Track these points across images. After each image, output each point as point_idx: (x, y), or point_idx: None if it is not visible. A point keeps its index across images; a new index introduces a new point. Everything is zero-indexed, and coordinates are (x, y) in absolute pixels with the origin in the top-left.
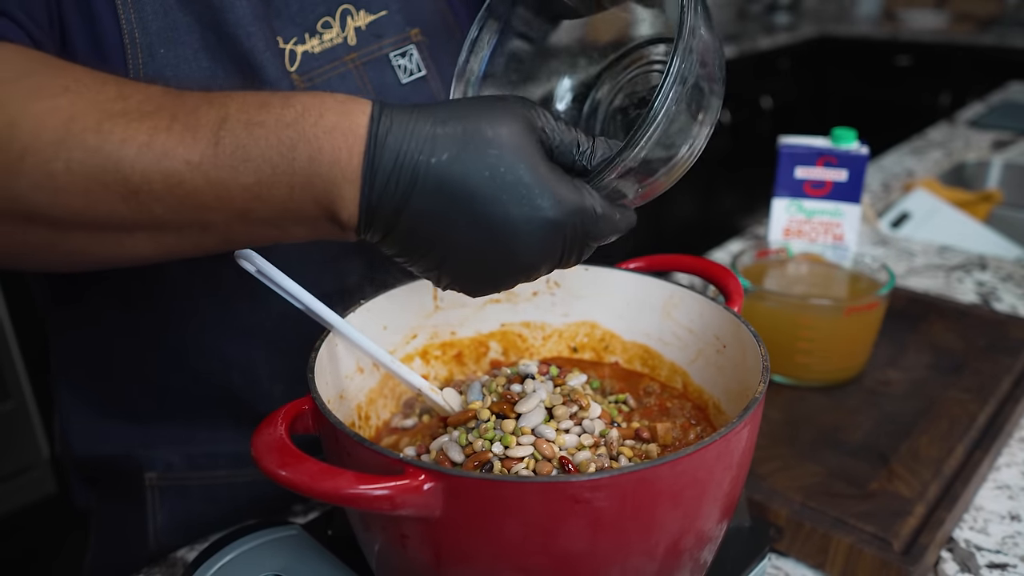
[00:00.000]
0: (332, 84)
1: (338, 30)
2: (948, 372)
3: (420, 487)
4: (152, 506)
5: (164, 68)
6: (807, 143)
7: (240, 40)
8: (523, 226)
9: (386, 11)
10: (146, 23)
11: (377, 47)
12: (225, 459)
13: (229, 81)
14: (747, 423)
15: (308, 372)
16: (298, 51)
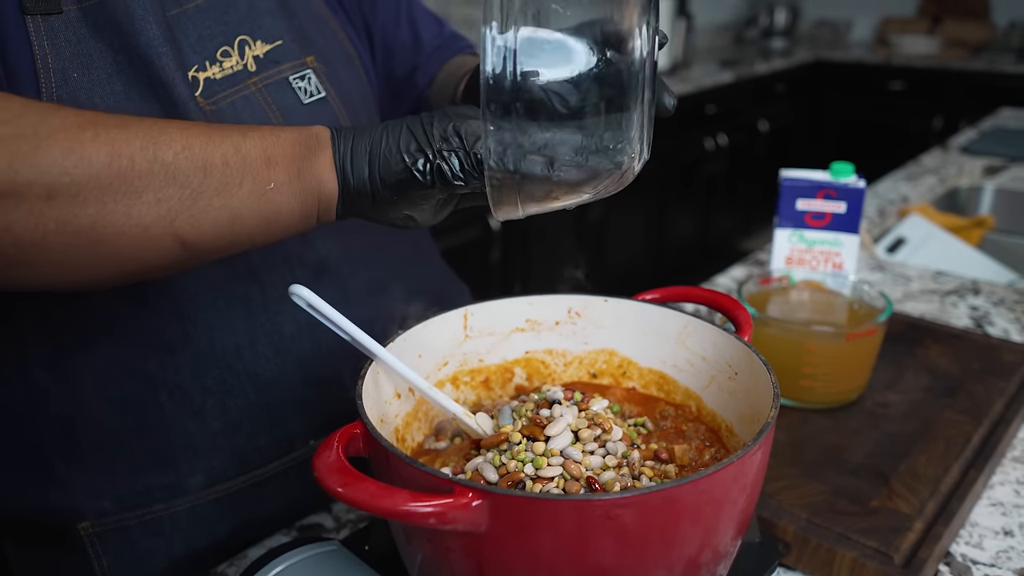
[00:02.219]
0: (237, 106)
1: (237, 58)
2: (944, 394)
3: (469, 504)
4: (95, 553)
5: (78, 91)
6: (808, 176)
7: (152, 61)
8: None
9: (281, 41)
10: (59, 48)
11: (276, 71)
12: (159, 491)
13: (144, 103)
14: (761, 446)
15: (357, 399)
16: (200, 78)
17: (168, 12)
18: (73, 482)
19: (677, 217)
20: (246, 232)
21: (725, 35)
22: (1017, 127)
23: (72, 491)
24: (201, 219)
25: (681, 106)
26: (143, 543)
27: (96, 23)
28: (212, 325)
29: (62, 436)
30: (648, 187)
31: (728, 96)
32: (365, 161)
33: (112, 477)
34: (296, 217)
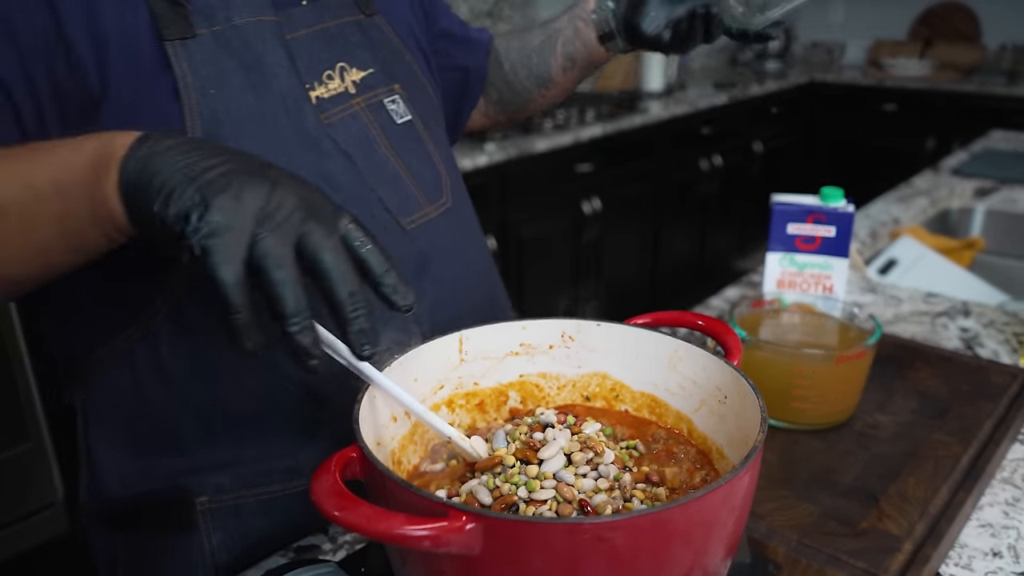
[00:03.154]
0: (347, 122)
1: (339, 81)
2: (933, 416)
3: (463, 527)
4: (206, 530)
5: (216, 105)
6: (798, 201)
7: (279, 78)
8: None
9: (372, 69)
10: (196, 68)
11: (373, 94)
12: (278, 474)
13: (274, 116)
14: (749, 469)
15: (354, 423)
16: (312, 95)
17: (284, 36)
18: (199, 460)
19: (672, 237)
20: (59, 261)
21: (719, 57)
22: (1008, 149)
23: (197, 468)
24: (8, 257)
25: (676, 127)
26: (252, 521)
27: (228, 45)
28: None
29: (195, 422)
30: (644, 207)
31: (723, 117)
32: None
33: (238, 456)
34: (103, 243)
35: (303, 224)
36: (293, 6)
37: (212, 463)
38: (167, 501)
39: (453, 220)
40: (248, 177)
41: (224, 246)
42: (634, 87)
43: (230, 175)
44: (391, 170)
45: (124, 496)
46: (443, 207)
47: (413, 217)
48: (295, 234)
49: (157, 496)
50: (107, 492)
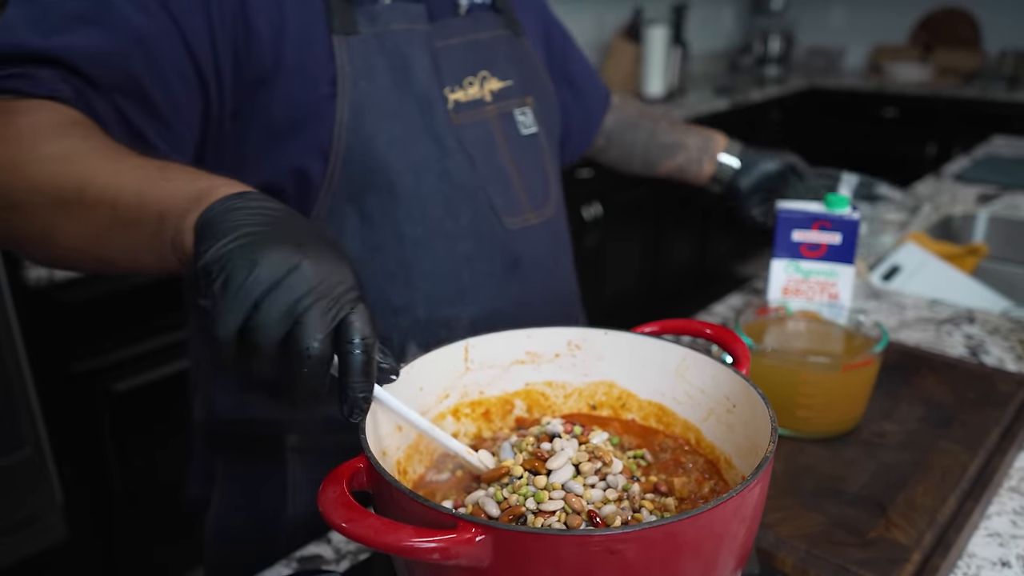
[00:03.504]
0: (475, 126)
1: (478, 88)
2: (940, 424)
3: (472, 539)
4: (292, 464)
5: (364, 98)
6: (803, 208)
7: (421, 82)
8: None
9: (511, 81)
10: (353, 61)
11: (505, 104)
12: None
13: (410, 112)
14: (760, 480)
15: (360, 433)
16: (450, 97)
17: (434, 44)
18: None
19: (674, 243)
20: (146, 262)
21: (720, 62)
22: (1010, 155)
23: (290, 410)
24: (112, 247)
25: None
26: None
27: (382, 45)
28: (431, 296)
29: None
30: (645, 213)
31: (723, 123)
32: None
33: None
34: (176, 262)
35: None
36: (450, 17)
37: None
38: (262, 435)
39: (550, 231)
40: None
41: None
42: (635, 91)
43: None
44: (505, 175)
45: (228, 420)
46: (544, 217)
47: (515, 220)
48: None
49: (255, 428)
50: (215, 412)
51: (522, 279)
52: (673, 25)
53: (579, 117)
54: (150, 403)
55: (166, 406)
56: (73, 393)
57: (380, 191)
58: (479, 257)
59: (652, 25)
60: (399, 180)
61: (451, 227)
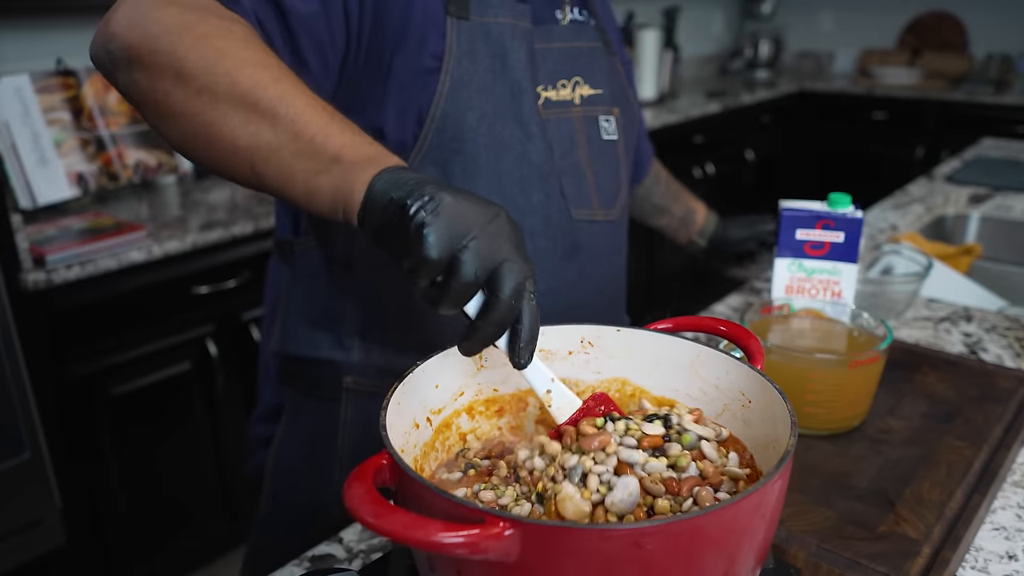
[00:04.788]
0: (560, 122)
1: (569, 91)
2: (943, 420)
3: (500, 534)
4: (345, 404)
5: (463, 76)
6: (807, 207)
7: (515, 71)
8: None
9: (602, 90)
10: (460, 43)
11: (592, 110)
12: None
13: (501, 96)
14: (781, 475)
15: (382, 429)
16: (542, 93)
17: (536, 44)
18: (353, 348)
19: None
20: (294, 193)
21: (710, 66)
22: (999, 157)
23: (350, 354)
24: (271, 164)
25: (669, 136)
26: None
27: (487, 34)
28: None
29: (360, 314)
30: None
31: (715, 126)
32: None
33: (382, 352)
34: (326, 206)
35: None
36: (553, 23)
37: (362, 352)
38: (324, 373)
39: (613, 230)
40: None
41: (440, 228)
42: None
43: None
44: (580, 169)
45: (296, 355)
46: (609, 217)
47: (582, 212)
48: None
49: (319, 366)
50: (287, 346)
51: (579, 266)
52: (665, 29)
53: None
54: (148, 406)
55: (164, 409)
56: (71, 397)
57: (465, 160)
58: (543, 235)
59: (644, 29)
60: (483, 153)
61: (523, 203)
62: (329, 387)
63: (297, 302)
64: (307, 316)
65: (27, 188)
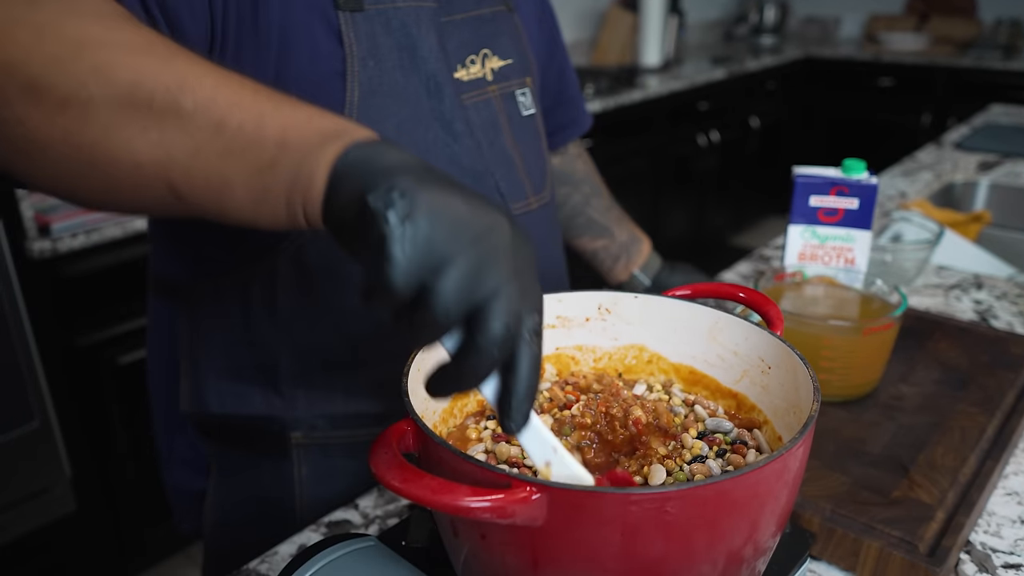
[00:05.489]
0: (479, 106)
1: (479, 67)
2: (956, 387)
3: (528, 498)
4: (297, 461)
5: (372, 76)
6: (821, 173)
7: (428, 62)
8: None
9: (511, 60)
10: (360, 40)
11: (507, 84)
12: (367, 418)
13: (416, 93)
14: (804, 441)
15: (404, 396)
16: (453, 77)
17: (440, 19)
18: (296, 399)
19: (670, 213)
20: (236, 205)
21: (715, 32)
22: (1009, 123)
23: (293, 406)
24: (195, 174)
25: (674, 102)
26: (340, 461)
27: (388, 24)
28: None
29: (297, 361)
30: (642, 183)
31: (720, 93)
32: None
33: (330, 400)
34: (282, 212)
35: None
36: None
37: (307, 404)
38: (263, 429)
39: (547, 214)
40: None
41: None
42: (631, 62)
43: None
44: (509, 158)
45: (220, 413)
46: (542, 200)
47: (519, 205)
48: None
49: (254, 423)
50: (206, 406)
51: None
52: None
53: (556, 121)
54: None
55: None
56: (79, 366)
57: None
58: None
59: None
60: None
61: None
62: (272, 443)
63: (208, 354)
64: (226, 369)
65: None
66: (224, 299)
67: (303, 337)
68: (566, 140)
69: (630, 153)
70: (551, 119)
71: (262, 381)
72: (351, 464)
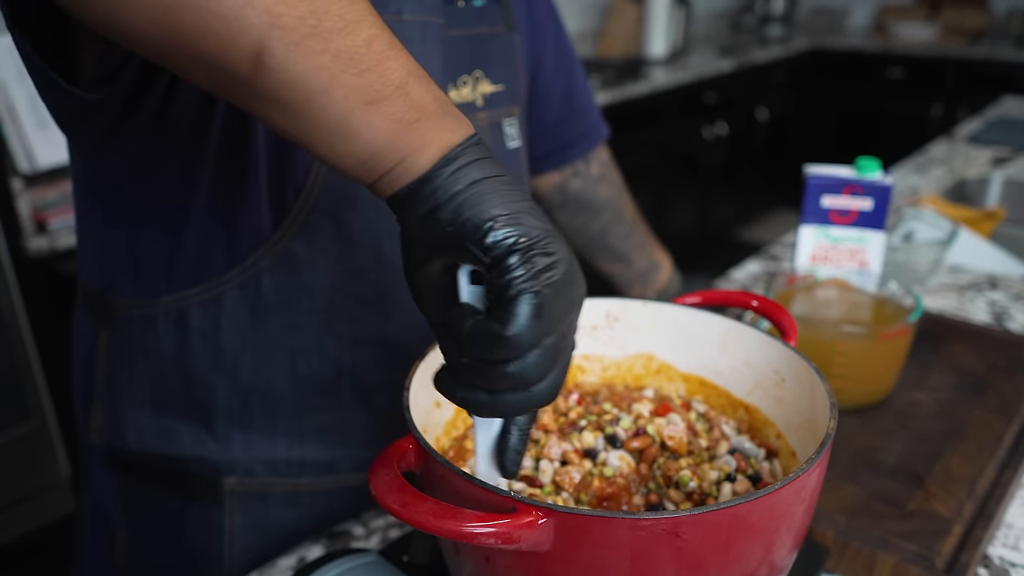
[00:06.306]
0: None
1: (470, 90)
2: (972, 392)
3: (534, 523)
4: (230, 509)
5: None
6: (833, 173)
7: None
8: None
9: (503, 86)
10: None
11: (496, 113)
12: (311, 467)
13: None
14: (821, 462)
15: (405, 411)
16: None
17: (446, 35)
18: (232, 441)
19: (676, 206)
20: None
21: (722, 22)
22: (1023, 117)
23: (229, 449)
24: (298, 59)
25: (680, 95)
26: (277, 511)
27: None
28: (408, 329)
29: (237, 399)
30: (647, 177)
31: (727, 85)
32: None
33: (272, 444)
34: (365, 156)
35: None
36: (449, 3)
37: (244, 446)
38: (190, 472)
39: None
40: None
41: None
42: (637, 53)
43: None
44: None
45: (140, 450)
46: None
47: None
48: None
49: (180, 464)
50: (122, 440)
51: None
52: None
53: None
54: None
55: None
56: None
57: (365, 206)
58: None
59: None
60: (382, 211)
61: None
62: (201, 488)
63: (129, 380)
64: (150, 400)
65: (26, 151)
66: (156, 322)
67: (247, 375)
68: (582, 153)
69: (635, 146)
70: (560, 134)
71: (193, 418)
72: (289, 515)
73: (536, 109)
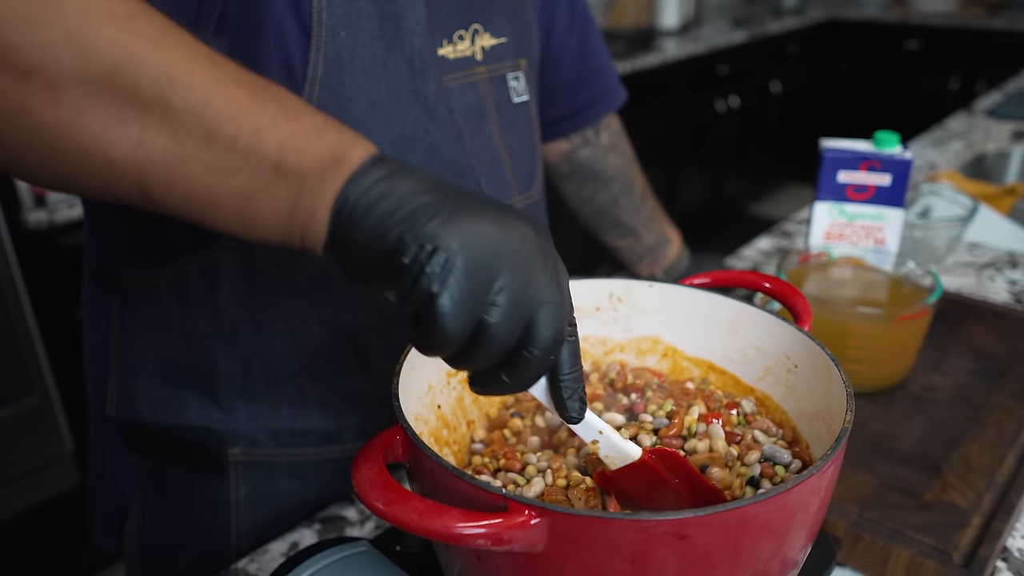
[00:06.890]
0: (464, 89)
1: (468, 44)
2: (991, 376)
3: (526, 523)
4: (235, 481)
5: (343, 49)
6: (850, 147)
7: (412, 36)
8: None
9: (505, 39)
10: (333, 7)
11: (498, 67)
12: (314, 436)
13: (396, 68)
14: (836, 458)
15: (394, 399)
16: (438, 53)
17: None
18: (236, 411)
19: (686, 179)
20: (222, 222)
21: None
22: None
23: (233, 419)
24: (176, 185)
25: (692, 67)
26: (283, 482)
27: None
28: None
29: (239, 368)
30: (658, 150)
31: (740, 56)
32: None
33: (275, 414)
34: (276, 236)
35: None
36: None
37: (248, 416)
38: (198, 442)
39: (535, 217)
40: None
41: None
42: (648, 24)
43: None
44: (493, 150)
45: (151, 421)
46: (529, 199)
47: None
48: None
49: (187, 434)
50: (136, 412)
51: None
52: None
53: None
54: None
55: None
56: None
57: None
58: None
59: None
60: None
61: None
62: (208, 459)
63: (140, 352)
64: (159, 371)
65: None
66: (160, 292)
67: (247, 342)
68: (593, 119)
69: (646, 119)
70: (572, 97)
71: (199, 388)
72: (295, 485)
73: (548, 71)
